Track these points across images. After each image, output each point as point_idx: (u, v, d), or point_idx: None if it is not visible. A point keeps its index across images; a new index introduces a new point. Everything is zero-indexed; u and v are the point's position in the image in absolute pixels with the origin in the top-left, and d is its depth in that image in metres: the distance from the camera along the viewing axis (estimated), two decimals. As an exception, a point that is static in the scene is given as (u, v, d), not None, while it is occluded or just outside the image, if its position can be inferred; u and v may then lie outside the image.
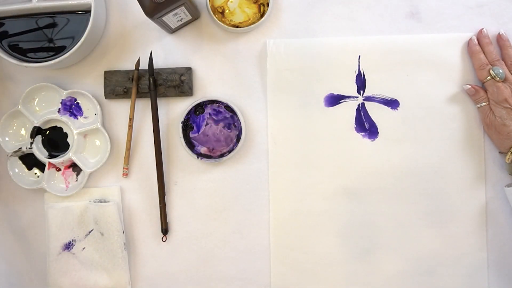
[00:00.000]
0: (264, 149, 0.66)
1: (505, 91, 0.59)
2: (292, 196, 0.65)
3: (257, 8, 0.64)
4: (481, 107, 0.62)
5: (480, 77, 0.62)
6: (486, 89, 0.61)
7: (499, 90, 0.59)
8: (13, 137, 0.65)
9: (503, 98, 0.59)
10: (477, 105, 0.63)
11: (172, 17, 0.58)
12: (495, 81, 0.60)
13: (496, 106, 0.60)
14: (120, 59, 0.66)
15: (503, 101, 0.59)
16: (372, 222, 0.65)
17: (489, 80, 0.60)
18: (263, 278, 0.66)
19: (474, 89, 0.62)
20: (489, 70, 0.60)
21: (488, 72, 0.60)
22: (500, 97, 0.59)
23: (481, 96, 0.62)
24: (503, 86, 0.60)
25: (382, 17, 0.65)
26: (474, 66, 0.63)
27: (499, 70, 0.59)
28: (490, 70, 0.60)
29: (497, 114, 0.60)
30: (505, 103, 0.59)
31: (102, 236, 0.64)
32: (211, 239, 0.66)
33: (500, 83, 0.60)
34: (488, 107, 0.61)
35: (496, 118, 0.60)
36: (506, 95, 0.59)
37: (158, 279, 0.66)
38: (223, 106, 0.64)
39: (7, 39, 0.61)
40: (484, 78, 0.61)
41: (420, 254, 0.65)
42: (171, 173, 0.66)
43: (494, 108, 0.60)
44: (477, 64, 0.62)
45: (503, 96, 0.59)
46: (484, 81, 0.61)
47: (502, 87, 0.60)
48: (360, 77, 0.65)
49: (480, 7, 0.65)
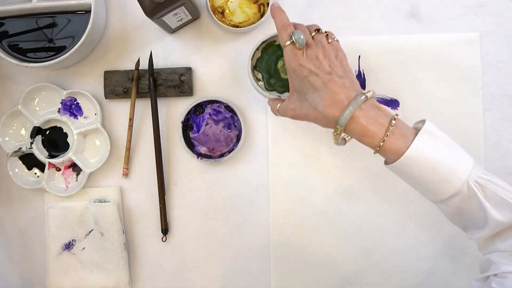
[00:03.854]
0: (264, 149, 0.66)
1: (301, 57, 0.50)
2: (292, 196, 0.65)
3: (257, 8, 0.64)
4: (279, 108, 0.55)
5: (281, 40, 0.51)
6: (284, 55, 0.52)
7: (296, 56, 0.50)
8: (13, 137, 0.65)
9: (297, 64, 0.50)
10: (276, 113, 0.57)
11: (172, 17, 0.58)
12: (293, 47, 0.50)
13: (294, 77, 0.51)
14: (120, 59, 0.66)
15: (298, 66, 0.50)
16: (372, 222, 0.65)
17: (288, 45, 0.50)
18: (263, 278, 0.66)
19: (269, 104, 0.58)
20: (290, 33, 0.50)
21: (289, 35, 0.50)
22: (294, 63, 0.50)
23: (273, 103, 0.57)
24: (300, 52, 0.50)
25: (382, 17, 0.65)
26: (276, 27, 0.52)
27: (300, 36, 0.49)
28: (291, 34, 0.50)
29: (296, 88, 0.52)
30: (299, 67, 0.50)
31: (102, 236, 0.64)
32: (211, 239, 0.66)
33: (298, 50, 0.50)
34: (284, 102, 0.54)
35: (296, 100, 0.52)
36: (301, 61, 0.50)
37: (158, 279, 0.66)
38: (223, 106, 0.64)
39: (7, 39, 0.61)
40: (284, 41, 0.51)
41: (420, 254, 0.65)
42: (171, 173, 0.66)
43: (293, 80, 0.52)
44: (280, 23, 0.52)
45: (298, 62, 0.50)
46: (284, 45, 0.51)
47: (299, 53, 0.50)
48: (360, 77, 0.65)
49: (480, 7, 0.65)
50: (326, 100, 0.48)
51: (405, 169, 0.47)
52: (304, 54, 0.50)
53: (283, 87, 0.61)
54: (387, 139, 0.47)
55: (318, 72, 0.49)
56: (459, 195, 0.47)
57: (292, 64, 0.50)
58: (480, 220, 0.47)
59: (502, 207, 0.46)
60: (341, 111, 0.48)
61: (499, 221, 0.45)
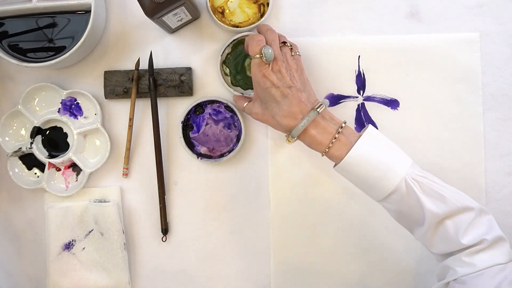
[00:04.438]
0: (264, 149, 0.66)
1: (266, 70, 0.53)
2: (292, 196, 0.65)
3: (257, 8, 0.64)
4: (245, 108, 0.59)
5: (251, 52, 0.54)
6: (251, 66, 0.55)
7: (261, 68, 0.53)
8: (13, 137, 0.65)
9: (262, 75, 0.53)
10: (242, 110, 0.59)
11: (172, 17, 0.58)
12: (261, 60, 0.53)
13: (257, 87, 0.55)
14: (120, 59, 0.66)
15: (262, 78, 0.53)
16: (372, 222, 0.65)
17: (257, 58, 0.53)
18: (263, 278, 0.66)
19: (234, 99, 0.61)
20: (261, 48, 0.53)
21: (260, 49, 0.53)
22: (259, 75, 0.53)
23: (240, 101, 0.60)
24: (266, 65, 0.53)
25: (382, 17, 0.65)
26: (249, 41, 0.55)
27: (269, 51, 0.53)
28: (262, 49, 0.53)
29: (259, 97, 0.55)
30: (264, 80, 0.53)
31: (102, 236, 0.64)
32: (211, 239, 0.66)
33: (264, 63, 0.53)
34: (251, 103, 0.58)
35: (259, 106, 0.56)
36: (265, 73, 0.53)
37: (158, 279, 0.66)
38: (223, 106, 0.64)
39: (7, 39, 0.61)
40: (254, 54, 0.54)
41: (420, 254, 0.65)
42: (171, 173, 0.66)
43: (257, 90, 0.55)
44: (255, 39, 0.55)
45: (262, 73, 0.53)
46: (254, 57, 0.54)
47: (264, 66, 0.53)
48: (360, 77, 0.65)
49: (480, 7, 0.65)
50: (284, 111, 0.53)
51: (349, 168, 0.52)
52: (270, 67, 0.54)
53: (247, 84, 0.64)
54: (332, 146, 0.52)
55: (279, 85, 0.53)
56: (398, 192, 0.50)
57: (257, 75, 0.54)
58: (419, 215, 0.51)
59: (436, 199, 0.49)
60: (296, 123, 0.53)
61: (434, 212, 0.49)
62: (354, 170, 0.51)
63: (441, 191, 0.50)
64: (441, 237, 0.50)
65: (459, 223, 0.49)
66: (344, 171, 0.53)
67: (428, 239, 0.52)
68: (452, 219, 0.49)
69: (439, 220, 0.50)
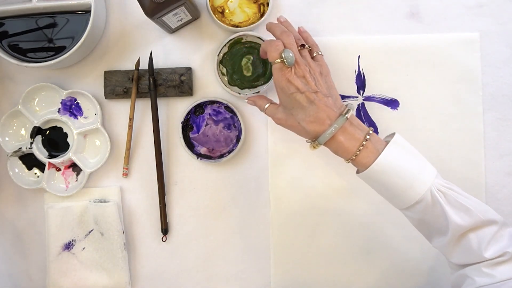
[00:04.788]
0: (264, 149, 0.66)
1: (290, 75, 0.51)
2: (292, 196, 0.65)
3: (257, 8, 0.64)
4: (266, 110, 0.57)
5: (270, 58, 0.53)
6: (272, 72, 0.53)
7: (284, 74, 0.52)
8: (13, 137, 0.65)
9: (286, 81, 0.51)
10: (263, 111, 0.57)
11: (172, 17, 0.58)
12: (283, 65, 0.52)
13: (281, 93, 0.53)
14: (120, 59, 0.66)
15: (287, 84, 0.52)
16: (372, 222, 0.65)
17: (278, 63, 0.52)
18: (263, 278, 0.66)
19: (252, 100, 0.59)
20: (281, 52, 0.52)
21: (279, 54, 0.52)
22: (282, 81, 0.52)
23: (261, 102, 0.57)
24: (288, 70, 0.52)
25: (382, 17, 0.65)
26: (267, 45, 0.54)
27: (290, 54, 0.51)
28: (281, 53, 0.52)
29: (283, 103, 0.54)
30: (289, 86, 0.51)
31: (102, 236, 0.64)
32: (211, 239, 0.66)
33: (286, 68, 0.52)
34: (272, 105, 0.56)
35: (283, 112, 0.54)
36: (289, 78, 0.51)
37: (158, 279, 0.66)
38: (223, 106, 0.64)
39: (7, 39, 0.61)
40: (274, 59, 0.52)
41: (420, 254, 0.65)
42: (171, 173, 0.66)
43: (280, 96, 0.54)
44: (271, 43, 0.53)
45: (286, 79, 0.51)
46: (274, 63, 0.52)
47: (287, 71, 0.52)
48: (360, 77, 0.65)
49: (480, 7, 0.65)
50: (310, 117, 0.51)
51: (374, 176, 0.51)
52: (293, 71, 0.52)
53: (244, 83, 0.64)
54: (359, 153, 0.50)
55: (304, 90, 0.51)
56: (423, 202, 0.49)
57: (280, 80, 0.52)
58: (442, 225, 0.50)
59: (461, 212, 0.48)
60: (323, 129, 0.51)
61: (459, 224, 0.48)
62: (379, 178, 0.50)
63: (466, 203, 0.49)
64: (463, 249, 0.49)
65: (483, 236, 0.48)
66: (369, 179, 0.52)
67: (448, 250, 0.51)
68: (476, 232, 0.49)
69: (462, 233, 0.49)
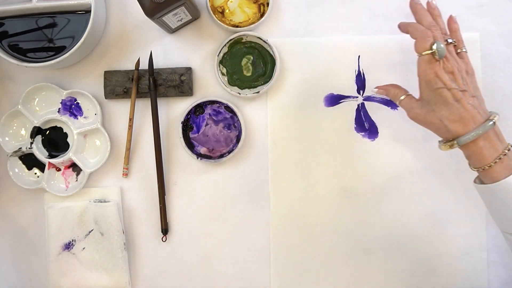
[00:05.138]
0: (264, 149, 0.66)
1: (438, 69, 0.50)
2: (292, 196, 0.65)
3: (257, 8, 0.64)
4: (401, 101, 0.55)
5: (417, 48, 0.51)
6: (418, 63, 0.51)
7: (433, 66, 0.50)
8: (13, 137, 0.65)
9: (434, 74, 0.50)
10: (396, 102, 0.56)
11: (172, 17, 0.58)
12: (432, 57, 0.50)
13: (425, 87, 0.51)
14: (120, 59, 0.66)
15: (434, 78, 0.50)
16: (372, 222, 0.65)
17: (427, 54, 0.50)
18: (263, 278, 0.66)
19: (384, 89, 0.57)
20: (431, 42, 0.50)
21: (430, 45, 0.50)
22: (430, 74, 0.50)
23: (395, 91, 0.56)
24: (437, 63, 0.50)
25: (382, 17, 0.65)
26: (415, 33, 0.52)
27: (441, 46, 0.50)
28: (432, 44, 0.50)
29: (424, 98, 0.52)
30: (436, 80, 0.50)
31: (102, 236, 0.64)
32: (211, 239, 0.66)
33: (435, 60, 0.50)
34: (409, 98, 0.55)
35: (422, 106, 0.53)
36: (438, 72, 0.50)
37: (158, 279, 0.66)
38: (223, 106, 0.64)
39: (7, 39, 0.61)
40: (423, 50, 0.50)
41: (420, 254, 0.65)
42: (171, 173, 0.66)
43: (423, 90, 0.52)
44: (420, 31, 0.51)
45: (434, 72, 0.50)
46: (421, 54, 0.51)
47: (436, 64, 0.50)
48: (360, 77, 0.65)
49: (480, 7, 0.65)
50: (455, 115, 0.50)
51: (499, 193, 0.49)
52: (441, 65, 0.50)
53: (244, 83, 0.64)
54: (494, 165, 0.48)
55: (452, 86, 0.50)
56: None
57: (427, 73, 0.50)
58: None
59: None
60: (466, 131, 0.49)
61: None
62: (503, 197, 0.48)
63: None
64: None
65: None
66: (490, 194, 0.50)
67: None
68: None
69: None
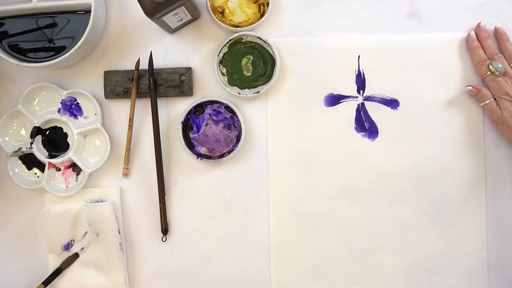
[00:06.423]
0: (264, 149, 0.66)
1: (505, 85, 0.60)
2: (292, 196, 0.65)
3: (257, 8, 0.64)
4: (486, 105, 0.62)
5: (479, 73, 0.62)
6: (487, 84, 0.62)
7: (499, 84, 0.60)
8: (13, 137, 0.65)
9: (504, 92, 0.60)
10: (481, 104, 0.62)
11: (172, 17, 0.58)
12: (494, 76, 0.60)
13: (500, 100, 0.60)
14: (120, 59, 0.66)
15: (504, 95, 0.60)
16: (372, 222, 0.65)
17: (489, 75, 0.61)
18: (263, 278, 0.66)
19: (476, 89, 0.62)
20: (488, 65, 0.61)
21: (487, 67, 0.61)
22: (501, 91, 0.60)
23: (483, 94, 0.62)
24: (503, 80, 0.60)
25: (382, 17, 0.65)
26: (473, 62, 0.63)
27: (498, 65, 0.60)
28: (489, 65, 0.60)
29: (502, 108, 0.60)
30: (506, 96, 0.60)
31: (98, 236, 0.64)
32: (211, 239, 0.66)
33: (499, 77, 0.60)
34: (494, 103, 0.61)
35: (502, 112, 0.60)
36: (506, 89, 0.60)
37: (158, 279, 0.66)
38: (223, 106, 0.64)
39: (7, 39, 0.61)
40: (484, 73, 0.61)
41: (420, 254, 0.65)
42: (171, 173, 0.66)
43: (499, 102, 0.61)
44: (476, 59, 0.62)
45: (503, 90, 0.60)
46: (484, 76, 0.62)
47: (502, 81, 0.60)
48: (360, 77, 0.65)
49: (480, 7, 0.65)
50: None
51: None
52: (508, 81, 0.60)
53: (244, 83, 0.64)
54: None
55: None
56: None
57: (500, 92, 0.60)
58: None
59: None
60: None
61: None
62: None
63: None
64: None
65: None
66: None
67: None
68: None
69: None
